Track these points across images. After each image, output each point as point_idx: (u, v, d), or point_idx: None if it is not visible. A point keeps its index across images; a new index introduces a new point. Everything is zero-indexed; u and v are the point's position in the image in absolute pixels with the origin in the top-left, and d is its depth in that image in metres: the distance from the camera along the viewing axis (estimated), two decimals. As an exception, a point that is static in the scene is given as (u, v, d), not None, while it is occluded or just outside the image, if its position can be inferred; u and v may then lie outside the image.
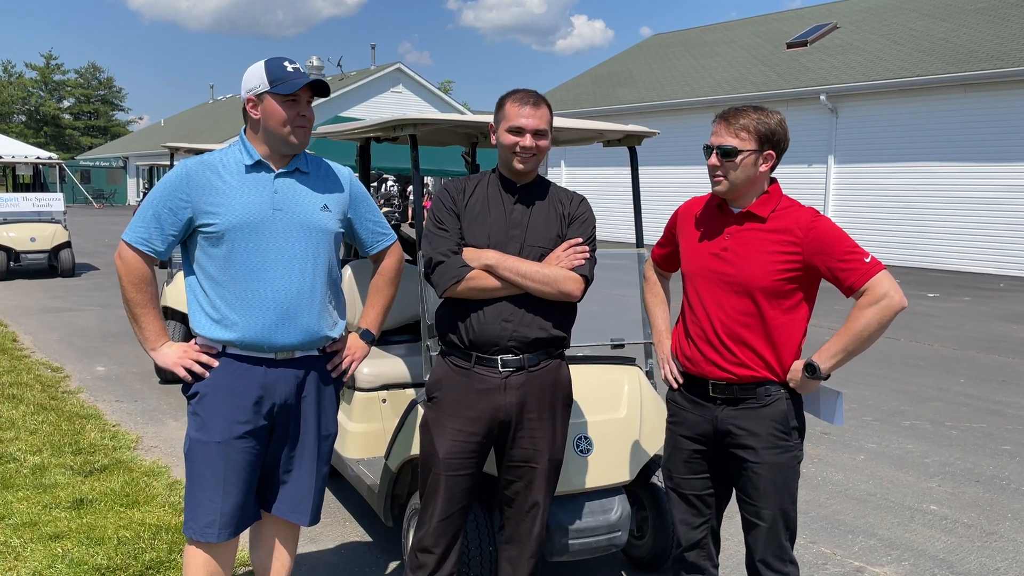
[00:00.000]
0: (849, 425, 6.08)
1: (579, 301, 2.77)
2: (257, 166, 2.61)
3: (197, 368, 2.59)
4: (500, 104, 2.72)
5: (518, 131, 2.66)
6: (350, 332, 2.87)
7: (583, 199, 2.86)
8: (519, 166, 2.70)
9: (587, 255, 2.72)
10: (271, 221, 2.57)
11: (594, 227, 2.81)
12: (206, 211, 2.54)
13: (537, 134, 2.67)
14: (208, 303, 2.59)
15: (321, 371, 2.75)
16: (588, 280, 2.72)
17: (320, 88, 2.60)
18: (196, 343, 2.64)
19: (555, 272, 2.66)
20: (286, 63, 2.58)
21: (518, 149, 2.67)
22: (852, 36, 21.03)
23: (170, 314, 6.75)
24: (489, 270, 2.65)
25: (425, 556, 2.83)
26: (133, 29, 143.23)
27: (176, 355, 2.61)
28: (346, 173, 2.82)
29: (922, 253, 17.09)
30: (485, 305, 2.68)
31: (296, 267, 2.60)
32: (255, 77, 2.57)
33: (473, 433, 2.73)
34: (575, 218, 2.78)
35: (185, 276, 2.69)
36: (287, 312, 2.59)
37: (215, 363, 2.59)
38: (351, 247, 10.73)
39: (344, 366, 2.82)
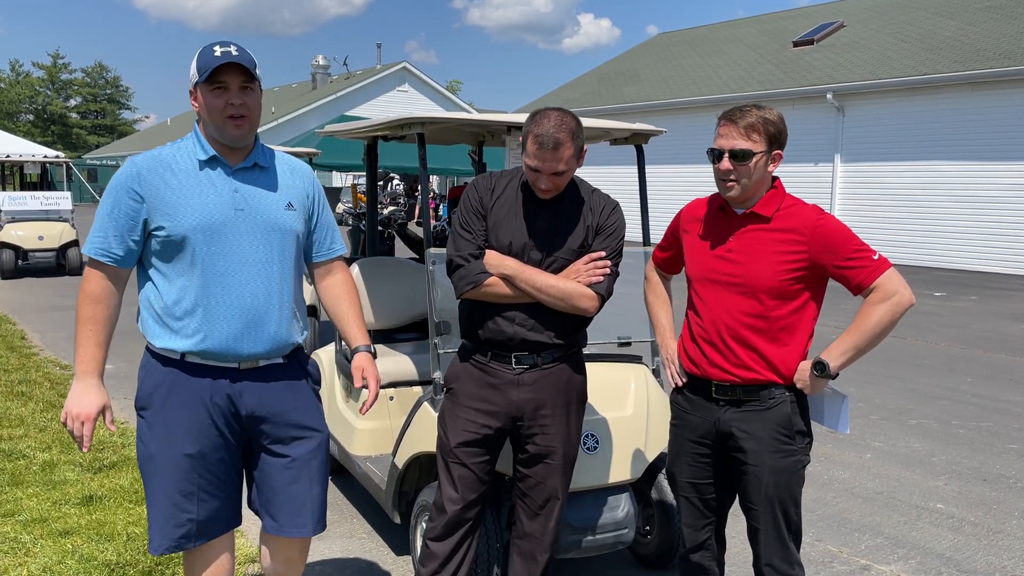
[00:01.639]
0: (856, 424, 6.07)
1: (594, 316, 2.78)
2: (212, 162, 2.42)
3: (79, 436, 2.36)
4: (525, 131, 2.62)
5: (536, 170, 2.61)
6: (357, 352, 2.69)
7: (615, 207, 2.79)
8: (539, 196, 2.70)
9: (607, 271, 2.70)
10: (233, 222, 2.38)
11: (621, 239, 2.77)
12: (162, 212, 2.34)
13: (555, 175, 2.61)
14: (165, 311, 2.40)
15: (289, 377, 2.56)
16: (604, 297, 2.71)
17: (240, 67, 2.33)
18: (149, 350, 2.48)
19: (571, 288, 2.66)
20: (216, 47, 2.34)
21: (536, 183, 2.65)
22: (859, 34, 20.97)
23: None
24: (506, 279, 2.67)
25: (437, 545, 2.84)
26: (140, 28, 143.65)
27: (92, 405, 2.38)
28: (307, 170, 2.62)
29: (929, 252, 17.04)
30: (502, 308, 2.71)
31: (262, 271, 2.42)
32: (192, 68, 2.38)
33: (485, 425, 2.76)
34: (603, 229, 2.74)
35: (138, 283, 2.49)
36: (254, 320, 2.41)
37: (86, 448, 2.39)
38: (360, 245, 10.69)
39: (373, 394, 2.65)
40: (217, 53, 2.32)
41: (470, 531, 2.85)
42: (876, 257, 2.44)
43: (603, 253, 2.72)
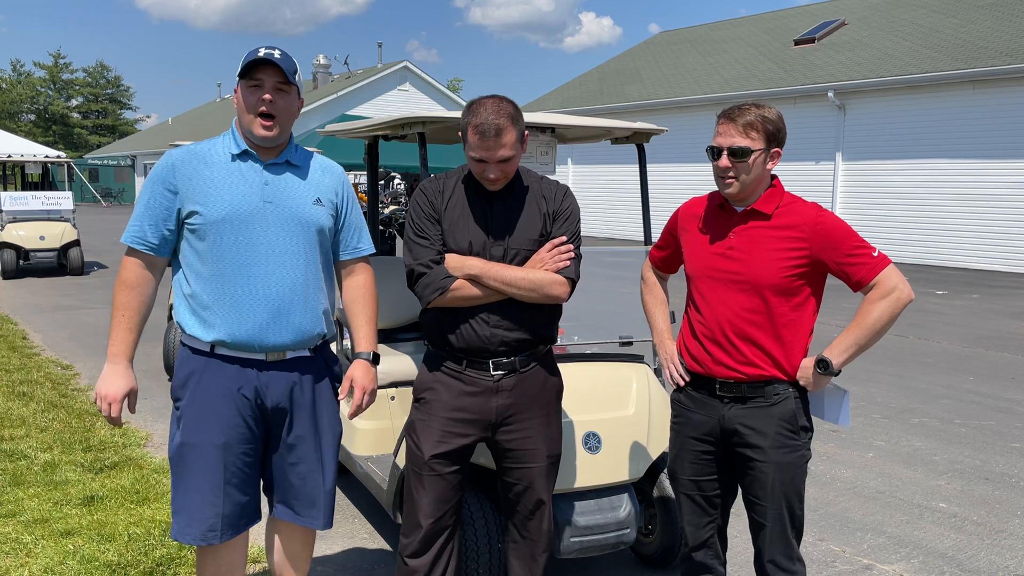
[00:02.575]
0: (858, 423, 6.07)
1: (566, 302, 2.73)
2: (244, 155, 2.51)
3: (108, 417, 2.52)
4: (464, 124, 2.57)
5: (481, 160, 2.56)
6: (355, 358, 2.73)
7: (566, 191, 2.76)
8: (489, 187, 2.64)
9: (572, 255, 2.66)
10: (261, 214, 2.47)
11: (578, 221, 2.73)
12: (193, 201, 2.43)
13: (501, 162, 2.55)
14: (195, 300, 2.49)
15: (314, 372, 2.64)
16: (574, 281, 2.67)
17: (277, 67, 2.42)
18: (183, 340, 2.57)
19: (541, 277, 2.61)
20: (262, 48, 2.43)
21: (484, 174, 2.59)
22: (860, 32, 20.95)
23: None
24: (473, 280, 2.60)
25: (415, 561, 2.76)
26: (141, 28, 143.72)
27: (119, 388, 2.48)
28: (339, 170, 2.71)
29: (930, 250, 17.02)
30: (472, 312, 2.64)
31: (288, 263, 2.50)
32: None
33: (462, 434, 2.69)
34: (559, 215, 2.70)
35: (172, 273, 2.60)
36: (279, 310, 2.49)
37: (121, 425, 2.57)
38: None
39: (360, 404, 2.70)
40: (261, 53, 2.42)
41: (448, 540, 2.78)
42: (876, 254, 2.46)
43: (564, 238, 2.67)
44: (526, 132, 2.63)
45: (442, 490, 2.71)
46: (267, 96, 2.43)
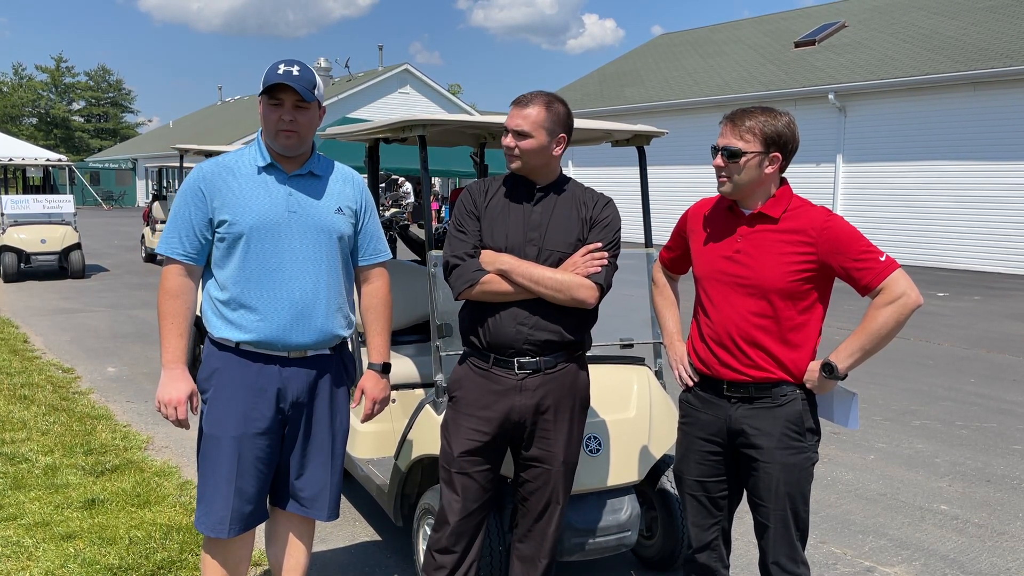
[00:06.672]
0: (859, 425, 6.05)
1: (594, 308, 2.75)
2: (270, 168, 2.63)
3: (174, 421, 2.63)
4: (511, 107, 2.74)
5: (505, 131, 2.69)
6: (368, 369, 2.89)
7: (608, 201, 2.80)
8: (509, 164, 2.73)
9: (605, 262, 2.69)
10: (286, 223, 2.60)
11: (617, 231, 2.76)
12: (223, 211, 2.56)
13: (517, 135, 2.64)
14: (223, 304, 2.62)
15: (333, 369, 2.77)
16: (604, 288, 2.69)
17: (293, 89, 2.52)
18: (209, 338, 2.68)
19: (568, 279, 2.64)
20: (282, 65, 2.55)
21: (504, 144, 2.69)
22: (860, 35, 20.96)
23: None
24: (503, 275, 2.65)
25: (443, 557, 2.83)
26: (143, 31, 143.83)
27: (181, 391, 2.60)
28: (359, 180, 2.84)
29: (931, 252, 17.02)
30: (501, 308, 2.69)
31: (311, 268, 2.63)
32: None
33: (487, 432, 2.74)
34: (597, 222, 2.74)
35: (202, 280, 2.72)
36: (302, 313, 2.62)
37: (188, 427, 2.68)
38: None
39: (370, 412, 2.89)
40: (280, 71, 2.53)
41: (474, 538, 2.84)
42: (883, 259, 2.44)
43: (599, 244, 2.71)
44: (563, 135, 2.70)
45: (471, 489, 2.77)
46: (286, 117, 2.55)
